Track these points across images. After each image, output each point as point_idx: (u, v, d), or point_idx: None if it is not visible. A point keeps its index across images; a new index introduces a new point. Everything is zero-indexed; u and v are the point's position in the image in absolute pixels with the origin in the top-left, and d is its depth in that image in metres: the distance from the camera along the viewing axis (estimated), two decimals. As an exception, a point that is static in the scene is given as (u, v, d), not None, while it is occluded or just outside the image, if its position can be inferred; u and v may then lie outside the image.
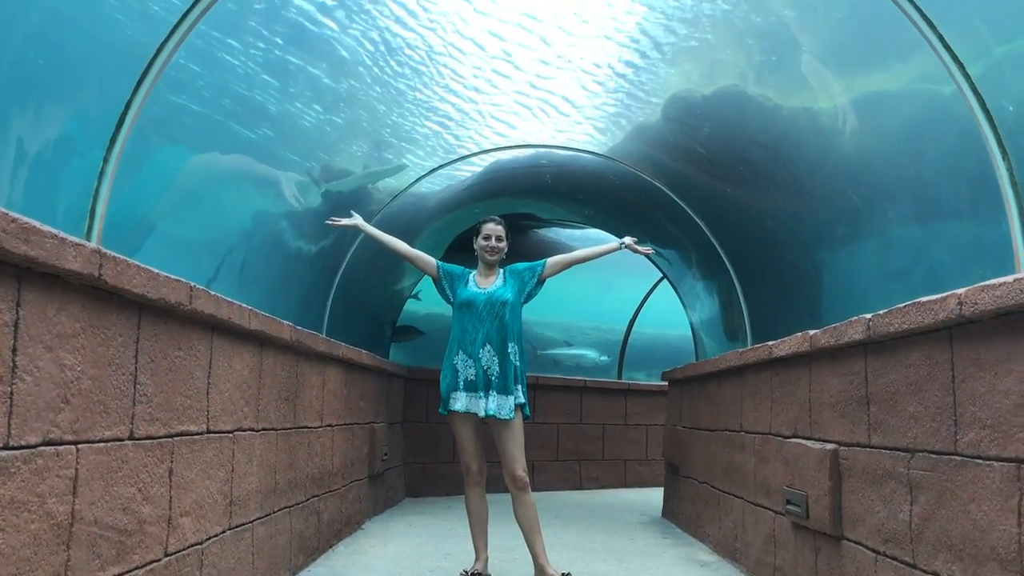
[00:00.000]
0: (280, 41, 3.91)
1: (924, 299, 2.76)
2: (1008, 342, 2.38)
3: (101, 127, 2.84)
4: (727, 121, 4.99)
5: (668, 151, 5.90)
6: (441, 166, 6.24)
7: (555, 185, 6.88)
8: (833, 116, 4.14)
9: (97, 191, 2.79)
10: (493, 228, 4.62)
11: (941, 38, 3.12)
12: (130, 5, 2.95)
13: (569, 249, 9.86)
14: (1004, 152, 2.89)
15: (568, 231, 9.40)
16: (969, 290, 2.50)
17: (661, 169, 6.20)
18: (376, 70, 4.69)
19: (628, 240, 4.77)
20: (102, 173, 2.81)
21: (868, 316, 3.19)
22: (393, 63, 4.70)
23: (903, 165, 3.70)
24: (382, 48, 4.50)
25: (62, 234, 2.12)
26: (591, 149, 6.30)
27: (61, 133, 2.78)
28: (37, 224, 2.02)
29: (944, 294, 2.63)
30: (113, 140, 2.86)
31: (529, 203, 7.99)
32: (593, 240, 9.46)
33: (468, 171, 6.67)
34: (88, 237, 2.75)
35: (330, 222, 4.70)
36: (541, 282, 4.58)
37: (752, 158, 5.03)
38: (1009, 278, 2.32)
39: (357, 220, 4.70)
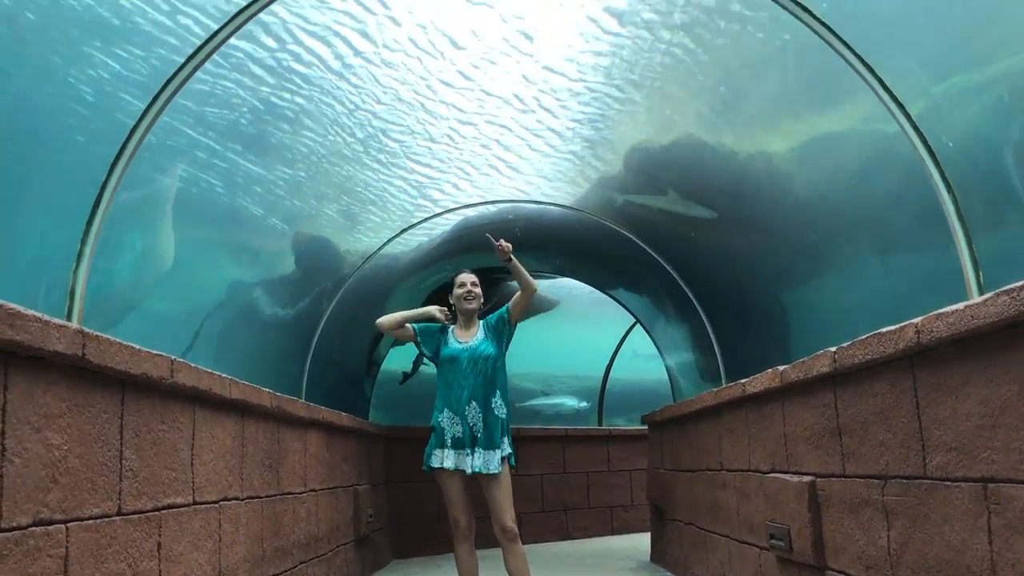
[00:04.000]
0: (248, 111, 4.02)
1: (885, 330, 2.87)
2: (964, 366, 2.49)
3: (76, 211, 2.91)
4: (687, 168, 5.15)
5: (632, 199, 6.05)
6: (410, 226, 6.34)
7: (525, 238, 6.99)
8: (787, 159, 4.30)
9: (76, 272, 2.84)
10: (467, 276, 4.72)
11: (881, 81, 3.29)
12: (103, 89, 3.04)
13: (544, 299, 10.04)
14: (948, 186, 3.04)
15: (539, 282, 9.50)
16: (925, 319, 2.61)
17: (627, 217, 6.34)
18: (341, 134, 4.79)
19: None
20: (80, 255, 2.87)
21: (833, 349, 3.30)
22: (357, 129, 4.81)
23: (856, 202, 3.85)
24: (348, 111, 4.60)
25: (46, 317, 2.17)
26: (557, 201, 6.43)
27: (39, 221, 2.84)
28: (21, 309, 2.07)
29: (903, 324, 2.75)
30: (89, 223, 2.92)
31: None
32: (567, 288, 9.60)
33: (438, 230, 6.78)
34: (69, 317, 2.80)
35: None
36: (513, 324, 4.66)
37: (713, 203, 5.18)
38: (960, 305, 2.44)
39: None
